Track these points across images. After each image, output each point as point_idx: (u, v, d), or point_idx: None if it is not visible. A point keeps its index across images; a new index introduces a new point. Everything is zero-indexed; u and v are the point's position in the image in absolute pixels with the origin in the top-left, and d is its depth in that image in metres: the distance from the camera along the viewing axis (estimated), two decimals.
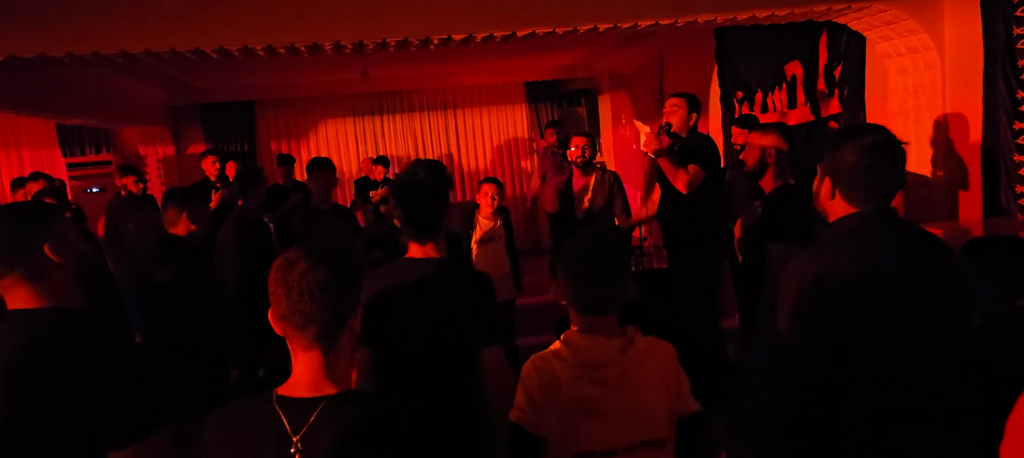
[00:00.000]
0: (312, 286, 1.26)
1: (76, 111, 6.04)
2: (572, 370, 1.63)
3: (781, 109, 5.42)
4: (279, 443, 1.23)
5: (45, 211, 1.55)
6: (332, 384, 1.29)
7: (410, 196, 2.04)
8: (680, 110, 3.89)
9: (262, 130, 9.05)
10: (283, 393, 1.29)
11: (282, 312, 1.28)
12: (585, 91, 9.44)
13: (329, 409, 1.25)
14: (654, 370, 1.67)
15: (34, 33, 3.39)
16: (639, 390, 1.63)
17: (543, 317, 6.17)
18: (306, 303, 1.26)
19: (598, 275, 1.66)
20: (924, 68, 3.96)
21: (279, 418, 1.25)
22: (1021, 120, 3.38)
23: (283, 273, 1.27)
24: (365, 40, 3.79)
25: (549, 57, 8.23)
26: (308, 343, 1.28)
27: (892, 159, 1.71)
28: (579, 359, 1.63)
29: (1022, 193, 3.41)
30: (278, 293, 1.27)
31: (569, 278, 1.69)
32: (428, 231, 2.07)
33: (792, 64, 5.21)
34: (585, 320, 1.69)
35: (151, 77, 7.07)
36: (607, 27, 3.88)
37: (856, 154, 1.69)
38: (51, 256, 1.46)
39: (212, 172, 5.93)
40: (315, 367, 1.29)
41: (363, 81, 7.69)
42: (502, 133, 9.63)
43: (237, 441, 1.27)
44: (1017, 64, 3.36)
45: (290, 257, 1.29)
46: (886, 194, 1.71)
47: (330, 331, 1.29)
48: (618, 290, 1.67)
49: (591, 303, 1.67)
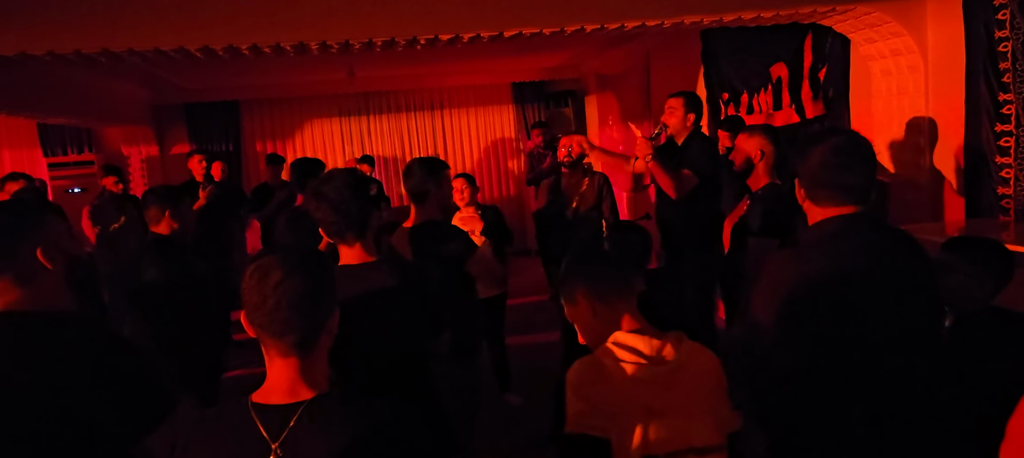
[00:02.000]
0: (289, 296, 1.24)
1: (57, 110, 5.95)
2: (629, 369, 1.61)
3: (767, 111, 5.45)
4: (258, 452, 1.21)
5: (36, 213, 1.51)
6: (309, 388, 1.27)
7: (324, 194, 2.03)
8: (677, 110, 3.81)
9: (247, 130, 8.98)
10: (258, 400, 1.26)
11: (259, 321, 1.25)
12: (572, 92, 9.46)
13: (309, 413, 1.24)
14: (702, 374, 1.66)
15: (14, 30, 3.34)
16: (690, 391, 1.63)
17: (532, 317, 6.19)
18: (283, 312, 1.24)
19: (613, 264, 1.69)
20: (908, 70, 3.99)
21: (256, 426, 1.22)
22: (1003, 122, 3.42)
23: (258, 282, 1.25)
24: (351, 40, 3.77)
25: (536, 58, 8.23)
26: (286, 350, 1.27)
27: (858, 158, 1.71)
28: (634, 356, 1.62)
29: (1004, 195, 3.45)
30: (253, 301, 1.25)
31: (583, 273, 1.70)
32: (353, 229, 2.04)
33: (777, 66, 5.24)
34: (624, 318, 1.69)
35: (134, 76, 7.00)
36: (594, 28, 3.88)
37: (822, 157, 1.70)
38: (43, 261, 1.43)
39: (198, 172, 5.89)
40: (292, 373, 1.27)
41: (350, 81, 7.65)
42: (489, 134, 9.62)
43: (214, 451, 1.24)
44: (999, 67, 3.40)
45: (264, 266, 1.26)
46: (858, 194, 1.71)
47: (308, 338, 1.28)
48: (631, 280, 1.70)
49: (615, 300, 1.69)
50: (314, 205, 2.06)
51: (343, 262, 2.09)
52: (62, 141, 7.95)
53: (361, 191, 2.07)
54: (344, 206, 2.02)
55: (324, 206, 2.03)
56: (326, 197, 2.03)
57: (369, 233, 2.08)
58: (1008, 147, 3.41)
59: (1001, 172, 3.45)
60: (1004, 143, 3.42)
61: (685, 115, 3.80)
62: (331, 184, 2.05)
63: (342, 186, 2.03)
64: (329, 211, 2.03)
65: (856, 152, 1.71)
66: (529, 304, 6.67)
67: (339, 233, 2.06)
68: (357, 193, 2.05)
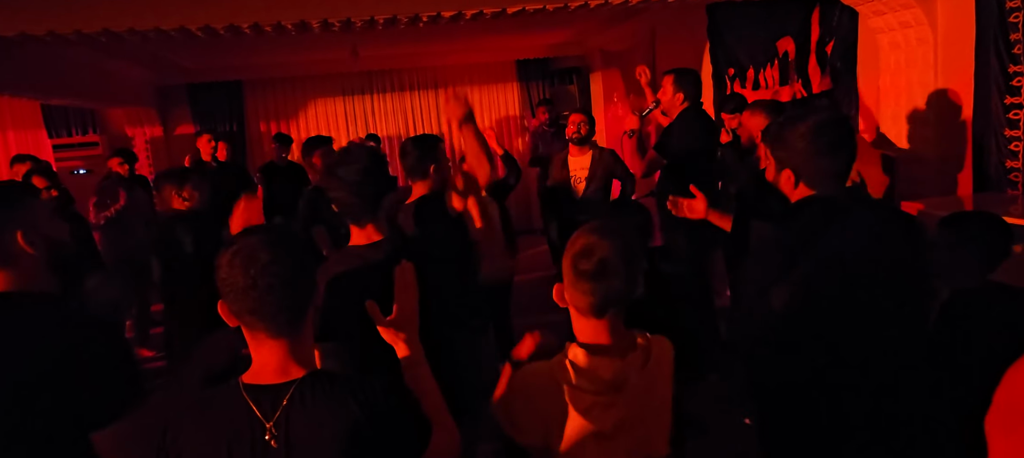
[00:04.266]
0: (281, 276, 1.25)
1: (60, 92, 5.94)
2: (583, 396, 1.46)
3: (773, 86, 5.40)
4: (252, 431, 1.22)
5: (14, 197, 1.49)
6: (300, 367, 1.28)
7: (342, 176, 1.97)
8: (666, 87, 3.85)
9: (251, 110, 8.96)
10: (249, 381, 1.27)
11: (249, 305, 1.24)
12: (577, 69, 9.38)
13: (300, 391, 1.25)
14: (663, 377, 1.57)
15: (13, 10, 3.32)
16: (649, 404, 1.53)
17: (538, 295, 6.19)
18: (277, 293, 1.24)
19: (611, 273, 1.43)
20: (916, 43, 3.94)
21: (248, 407, 1.23)
22: (1012, 95, 3.37)
23: (244, 266, 1.24)
24: (353, 18, 3.74)
25: (540, 35, 8.16)
26: (276, 331, 1.27)
27: (840, 136, 1.70)
28: (593, 386, 1.45)
29: (1012, 168, 3.42)
30: (240, 285, 1.24)
31: (576, 278, 1.46)
32: (368, 211, 2.00)
33: (784, 40, 5.18)
34: (592, 327, 1.50)
35: (137, 56, 6.97)
36: (598, 3, 3.84)
37: (804, 138, 1.67)
38: (23, 246, 1.42)
39: (207, 152, 5.89)
40: (282, 353, 1.28)
41: (353, 60, 7.61)
42: (494, 112, 9.56)
43: (207, 433, 1.24)
44: (1009, 38, 3.35)
45: (247, 249, 1.25)
46: (841, 172, 1.71)
47: (298, 317, 1.29)
48: (631, 289, 1.46)
49: (601, 306, 1.46)
50: (331, 185, 2.00)
51: (353, 242, 2.05)
52: (66, 122, 7.95)
53: (380, 173, 2.03)
54: (361, 188, 1.97)
55: (342, 188, 1.97)
56: (344, 180, 1.97)
57: (381, 213, 2.05)
58: (1017, 120, 3.37)
59: (1010, 145, 3.42)
60: (1013, 116, 3.38)
61: (673, 93, 3.81)
62: (350, 166, 1.98)
63: (360, 169, 1.97)
64: (346, 193, 1.97)
65: (839, 130, 1.70)
66: (535, 282, 6.68)
67: (355, 216, 2.02)
68: (375, 175, 2.01)
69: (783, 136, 1.72)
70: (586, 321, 1.50)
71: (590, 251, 1.44)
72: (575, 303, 1.50)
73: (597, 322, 1.49)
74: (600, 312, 1.47)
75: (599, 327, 1.49)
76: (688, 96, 3.84)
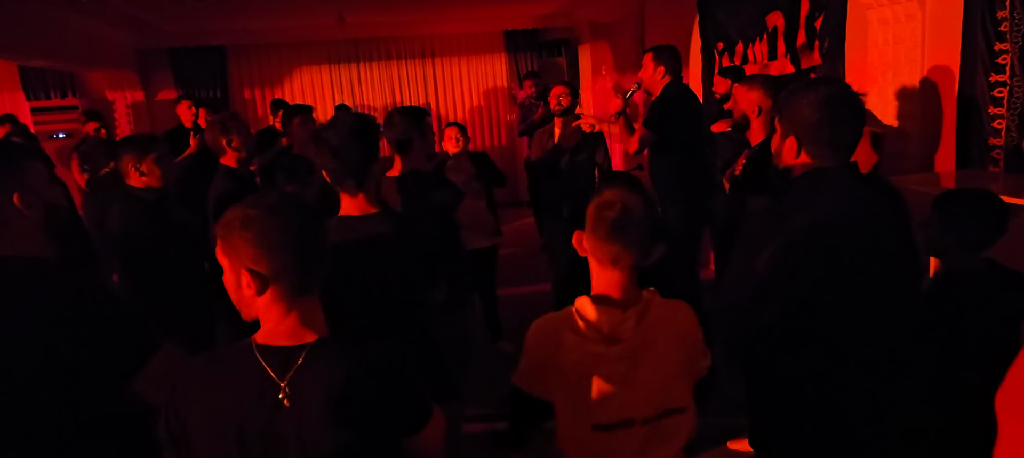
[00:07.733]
0: (316, 236, 1.31)
1: (39, 53, 5.80)
2: (586, 345, 1.54)
3: (762, 61, 5.40)
4: (265, 389, 1.24)
5: (11, 158, 1.47)
6: (311, 332, 1.29)
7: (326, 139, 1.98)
8: (647, 66, 3.87)
9: (235, 76, 8.83)
10: (262, 342, 1.28)
11: (275, 269, 1.25)
12: (565, 41, 9.32)
13: (313, 355, 1.26)
14: (672, 336, 1.61)
15: None
16: (657, 358, 1.57)
17: (524, 267, 6.21)
18: (308, 253, 1.28)
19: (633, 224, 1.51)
20: (905, 19, 3.94)
21: (262, 366, 1.25)
22: (998, 72, 3.40)
23: (283, 225, 1.25)
24: None
25: (529, 5, 8.08)
26: (291, 295, 1.28)
27: (852, 111, 1.69)
28: (595, 333, 1.54)
29: (994, 145, 3.45)
30: (277, 243, 1.24)
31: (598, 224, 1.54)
32: (352, 177, 2.00)
33: (773, 14, 5.17)
34: (606, 278, 1.57)
35: (117, 19, 6.82)
36: None
37: (816, 111, 1.66)
38: (20, 207, 1.40)
39: (187, 118, 5.78)
40: (294, 317, 1.29)
41: (339, 27, 7.50)
42: (481, 83, 9.50)
43: (220, 389, 1.26)
44: (996, 16, 3.36)
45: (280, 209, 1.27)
46: (848, 147, 1.70)
47: (314, 282, 1.31)
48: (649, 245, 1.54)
49: (619, 255, 1.53)
50: (316, 150, 2.02)
51: (344, 212, 2.05)
52: (45, 85, 7.79)
53: (366, 138, 2.02)
54: (345, 153, 1.97)
55: (325, 152, 1.99)
56: (328, 142, 1.98)
57: (370, 183, 2.04)
58: (1002, 97, 3.39)
59: (993, 123, 3.45)
60: (998, 93, 3.41)
61: (655, 70, 3.83)
62: (334, 130, 2.00)
63: (345, 133, 1.98)
64: (329, 157, 1.99)
65: (851, 105, 1.69)
66: (521, 254, 6.69)
67: (339, 180, 2.02)
68: (361, 140, 2.00)
69: (792, 103, 1.71)
70: (602, 272, 1.58)
71: (615, 201, 1.52)
72: (594, 251, 1.57)
73: (612, 273, 1.56)
74: (617, 260, 1.54)
75: (613, 279, 1.56)
76: (669, 70, 3.85)
